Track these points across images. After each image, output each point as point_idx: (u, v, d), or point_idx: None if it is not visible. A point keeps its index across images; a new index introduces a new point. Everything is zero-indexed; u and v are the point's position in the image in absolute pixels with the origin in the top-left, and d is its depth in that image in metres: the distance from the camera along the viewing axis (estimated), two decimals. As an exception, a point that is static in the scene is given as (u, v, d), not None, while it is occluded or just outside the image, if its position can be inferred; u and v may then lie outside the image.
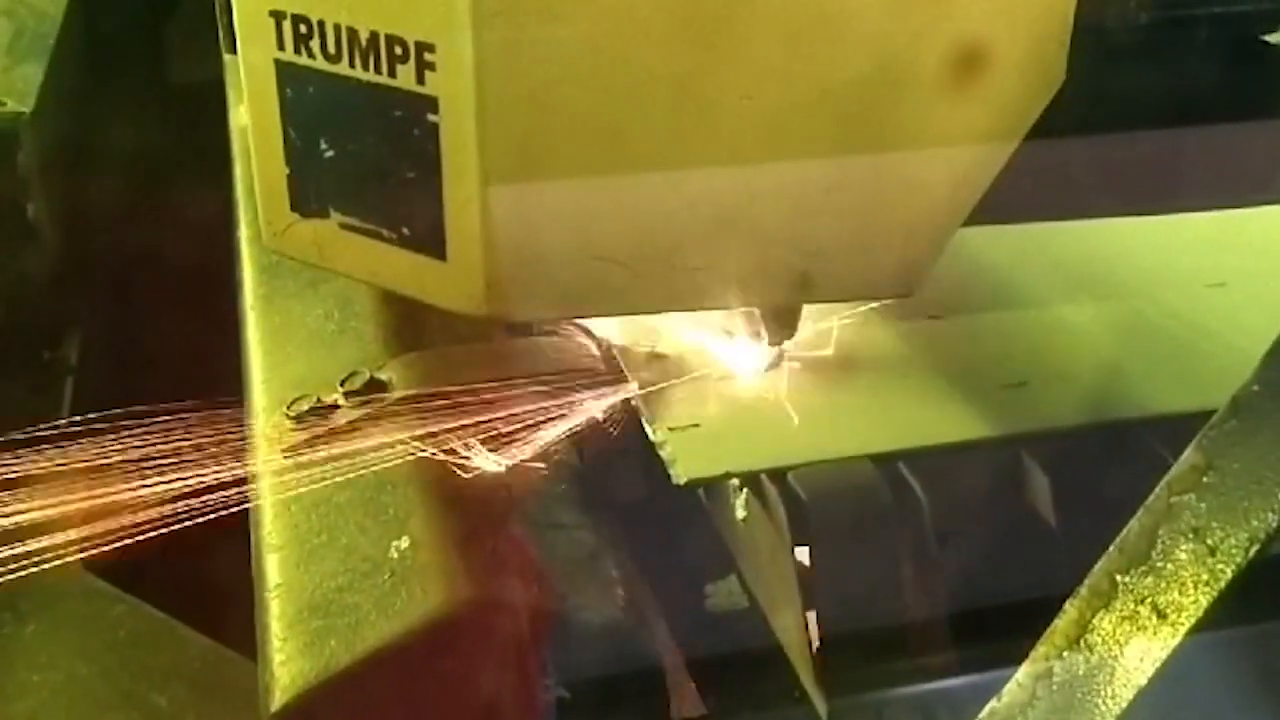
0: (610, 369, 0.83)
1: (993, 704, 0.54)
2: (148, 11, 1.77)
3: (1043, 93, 0.72)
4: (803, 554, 0.73)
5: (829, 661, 0.71)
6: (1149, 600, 0.52)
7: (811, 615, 0.72)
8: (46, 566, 0.75)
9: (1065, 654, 0.53)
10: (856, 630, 0.73)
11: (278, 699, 0.62)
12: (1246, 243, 1.03)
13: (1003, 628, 0.75)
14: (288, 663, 0.63)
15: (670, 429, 0.77)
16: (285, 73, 0.70)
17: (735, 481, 0.76)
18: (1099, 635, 0.53)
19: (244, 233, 1.07)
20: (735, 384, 0.81)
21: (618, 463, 0.82)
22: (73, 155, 1.51)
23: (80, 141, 1.55)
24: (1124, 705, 0.51)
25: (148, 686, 1.05)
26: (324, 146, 0.71)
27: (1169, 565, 0.53)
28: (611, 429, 0.80)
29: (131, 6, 1.75)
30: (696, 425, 0.77)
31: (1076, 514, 0.78)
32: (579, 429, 0.81)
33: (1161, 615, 0.52)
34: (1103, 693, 0.52)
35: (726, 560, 0.83)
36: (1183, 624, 0.51)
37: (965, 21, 0.69)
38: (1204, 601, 0.51)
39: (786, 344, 0.83)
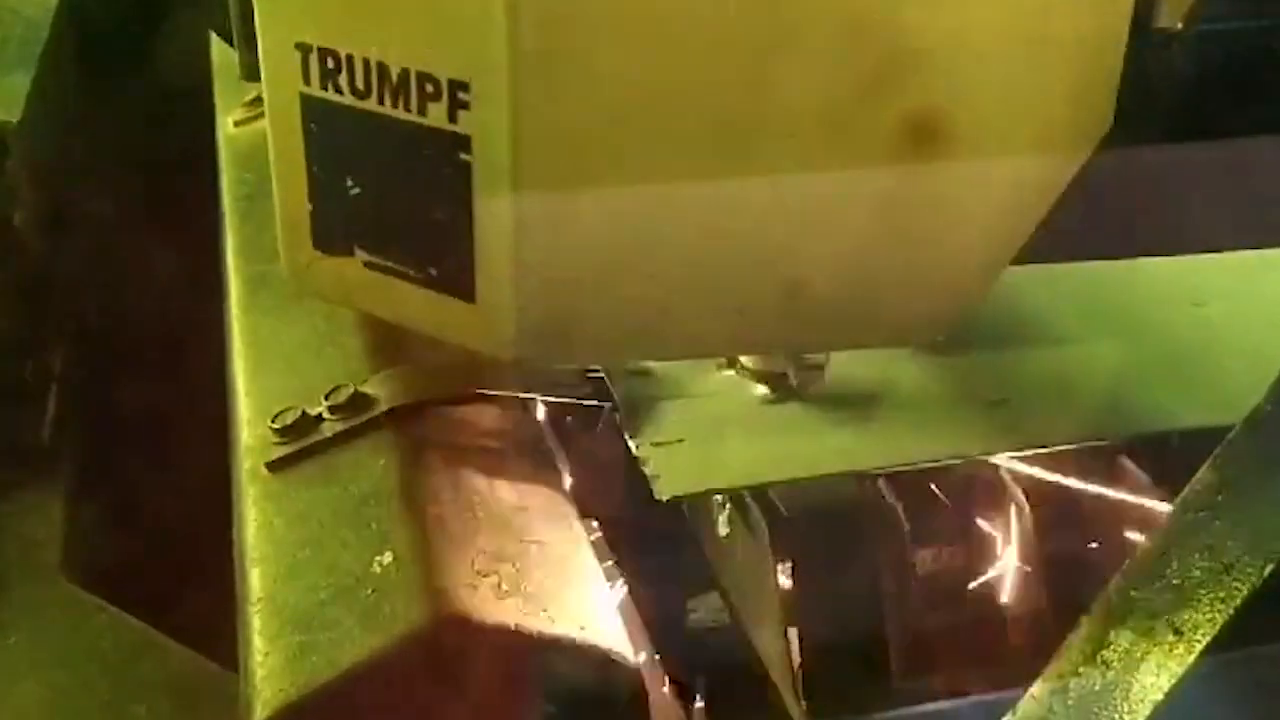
0: (595, 384, 0.83)
1: (1009, 718, 0.54)
2: (137, 18, 1.77)
3: (1089, 138, 0.70)
4: (785, 570, 0.73)
5: (810, 677, 0.72)
6: (1164, 617, 0.52)
7: (793, 631, 0.73)
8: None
9: (1081, 669, 0.53)
10: (838, 647, 0.73)
11: (259, 713, 0.62)
12: (1230, 265, 1.04)
13: (984, 645, 0.75)
14: (270, 677, 0.63)
15: (654, 444, 0.77)
16: (310, 107, 0.68)
17: (718, 498, 0.76)
18: (1115, 651, 0.53)
19: (230, 243, 1.07)
20: (719, 400, 0.82)
21: (600, 478, 0.82)
22: (60, 163, 1.51)
23: (68, 149, 1.55)
24: None
25: (128, 697, 1.05)
26: (350, 184, 0.69)
27: (1184, 582, 0.53)
28: (595, 444, 0.80)
29: (121, 13, 1.75)
30: (680, 441, 0.78)
31: (1056, 532, 0.78)
32: (562, 444, 0.82)
33: (1177, 632, 0.52)
34: (1119, 708, 0.52)
35: (709, 576, 0.83)
36: (1198, 641, 0.51)
37: (1012, 69, 0.67)
38: (1219, 619, 0.51)
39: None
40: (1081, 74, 0.69)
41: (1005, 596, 0.79)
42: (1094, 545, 0.80)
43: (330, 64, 0.66)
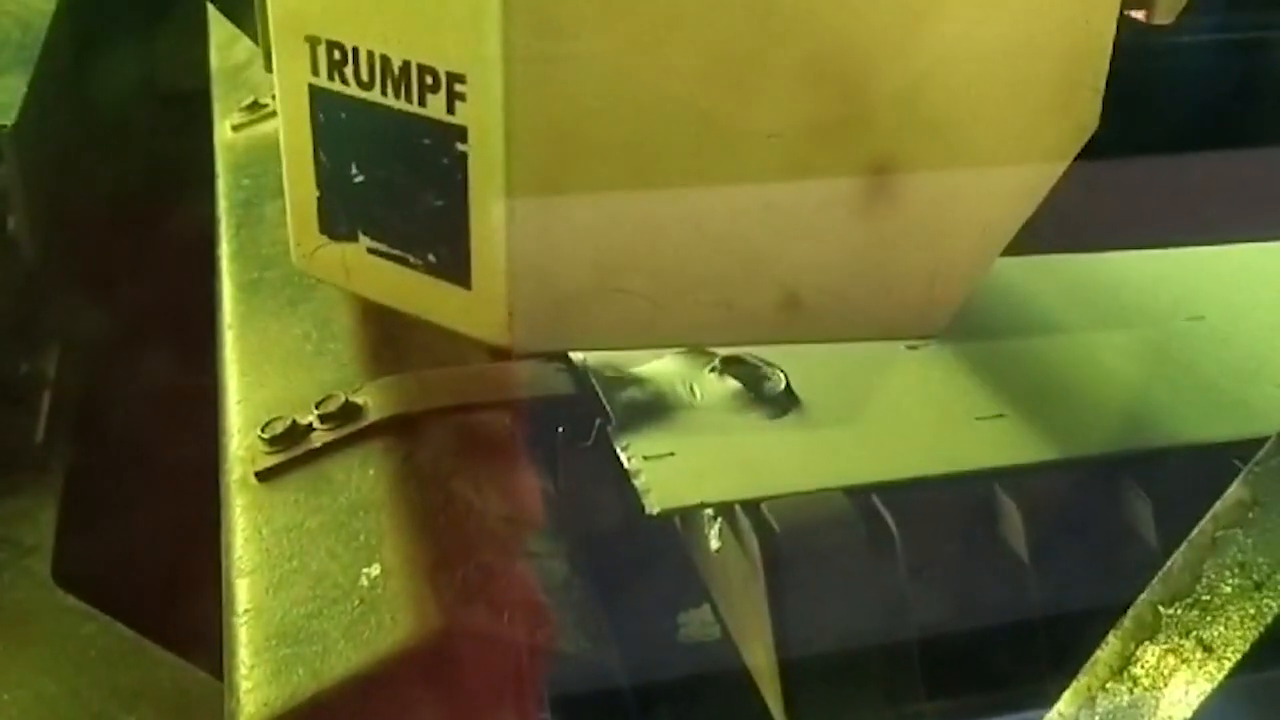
0: (586, 395, 0.82)
1: None
2: (135, 23, 1.77)
3: (1075, 139, 0.71)
4: (775, 585, 0.72)
5: (799, 692, 0.71)
6: (1194, 634, 0.52)
7: (783, 647, 0.72)
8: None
9: (1108, 685, 0.52)
10: (827, 661, 0.72)
11: (243, 727, 0.62)
12: (1227, 275, 1.04)
13: (973, 661, 0.75)
14: (254, 690, 0.63)
15: (645, 457, 0.77)
16: (319, 98, 0.71)
17: (709, 511, 0.76)
18: (1143, 667, 0.52)
19: (224, 249, 1.06)
20: (711, 413, 0.81)
21: (591, 490, 0.82)
22: (56, 167, 1.50)
23: (65, 152, 1.55)
24: None
25: (117, 707, 1.05)
26: (354, 172, 0.72)
27: (1214, 599, 0.52)
28: (586, 456, 0.80)
29: (120, 15, 1.75)
30: (671, 454, 0.77)
31: (1049, 547, 0.78)
32: (553, 456, 0.81)
33: (1207, 649, 0.51)
34: (1147, 724, 0.51)
35: (700, 589, 0.83)
36: (1228, 659, 0.51)
37: (993, 67, 0.68)
38: (1250, 636, 0.51)
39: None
40: (1067, 77, 0.70)
41: (1001, 613, 0.78)
42: (1092, 558, 0.79)
43: (337, 56, 0.69)
